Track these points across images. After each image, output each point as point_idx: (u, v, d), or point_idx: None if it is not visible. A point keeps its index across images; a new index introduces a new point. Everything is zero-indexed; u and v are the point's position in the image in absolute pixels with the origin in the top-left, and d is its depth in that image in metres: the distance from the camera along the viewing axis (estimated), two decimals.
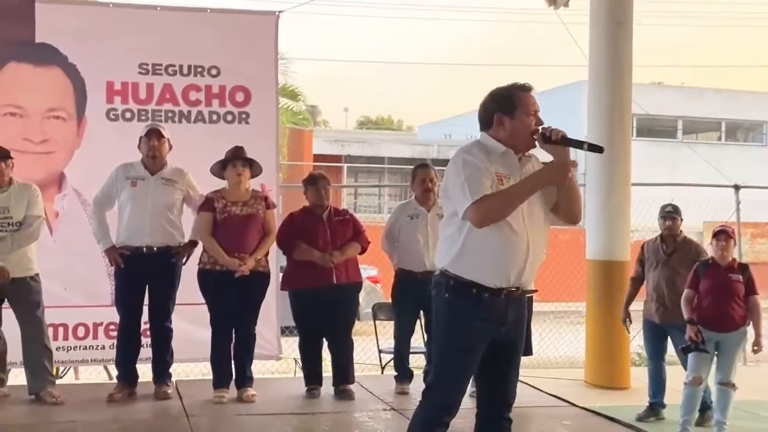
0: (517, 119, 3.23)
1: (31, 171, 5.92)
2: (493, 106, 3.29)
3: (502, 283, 3.19)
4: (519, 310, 3.31)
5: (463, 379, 3.28)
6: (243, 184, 5.54)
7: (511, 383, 3.37)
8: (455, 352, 3.25)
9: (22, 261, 5.33)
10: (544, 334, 9.54)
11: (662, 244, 5.83)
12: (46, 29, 6.17)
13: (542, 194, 3.27)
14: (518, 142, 3.25)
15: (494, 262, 3.17)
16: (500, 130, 3.26)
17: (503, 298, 3.20)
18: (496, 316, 3.22)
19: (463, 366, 3.26)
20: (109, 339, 6.10)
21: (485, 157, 3.20)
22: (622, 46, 6.84)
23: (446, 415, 3.27)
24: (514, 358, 3.37)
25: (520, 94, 3.26)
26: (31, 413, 5.21)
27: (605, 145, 6.71)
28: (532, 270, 3.26)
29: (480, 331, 3.22)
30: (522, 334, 3.38)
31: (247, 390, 5.57)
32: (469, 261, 3.20)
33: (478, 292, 3.18)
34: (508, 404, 3.37)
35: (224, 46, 6.53)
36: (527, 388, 6.18)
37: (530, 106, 3.25)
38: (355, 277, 5.84)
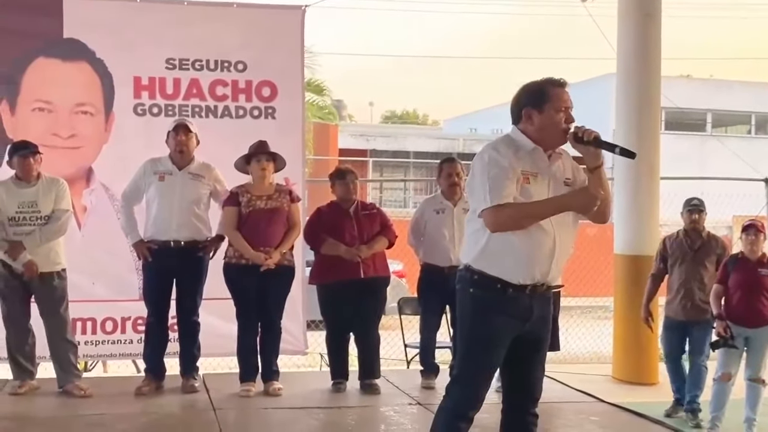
0: (546, 114, 3.18)
1: (59, 166, 5.96)
2: (523, 100, 3.25)
3: (526, 280, 3.16)
4: (544, 306, 3.28)
5: (486, 373, 3.26)
6: (267, 178, 5.55)
7: (537, 379, 3.35)
8: (479, 347, 3.24)
9: (50, 255, 5.38)
10: (571, 330, 9.48)
11: (686, 239, 5.75)
12: (74, 25, 6.21)
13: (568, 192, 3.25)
14: (546, 138, 3.21)
15: (519, 259, 3.15)
16: (528, 125, 3.22)
17: (528, 293, 3.18)
18: (520, 312, 3.20)
19: (487, 361, 3.24)
20: (137, 333, 6.14)
21: (512, 154, 3.16)
22: (651, 38, 6.77)
23: (470, 409, 3.26)
24: (539, 354, 3.34)
25: (551, 89, 3.21)
26: (60, 406, 5.26)
27: (634, 139, 6.74)
28: (558, 267, 3.23)
29: (504, 326, 3.20)
30: (548, 330, 3.36)
31: (273, 384, 5.58)
32: (494, 257, 3.18)
33: (503, 287, 3.16)
34: (534, 399, 3.35)
35: (251, 40, 6.54)
36: (554, 384, 6.14)
37: (561, 102, 3.19)
38: (382, 271, 5.82)
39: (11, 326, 5.47)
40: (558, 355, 6.80)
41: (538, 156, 3.21)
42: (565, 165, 3.28)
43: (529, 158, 3.19)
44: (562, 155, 3.29)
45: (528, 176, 3.15)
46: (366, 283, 5.68)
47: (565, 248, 3.22)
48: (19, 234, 5.29)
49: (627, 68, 6.81)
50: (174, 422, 5.03)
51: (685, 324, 5.69)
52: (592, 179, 3.18)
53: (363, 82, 69.08)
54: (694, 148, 22.07)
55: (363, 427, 5.05)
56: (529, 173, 3.16)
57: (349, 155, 19.19)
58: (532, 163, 3.19)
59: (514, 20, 75.85)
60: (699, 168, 18.93)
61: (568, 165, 3.30)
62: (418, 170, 23.19)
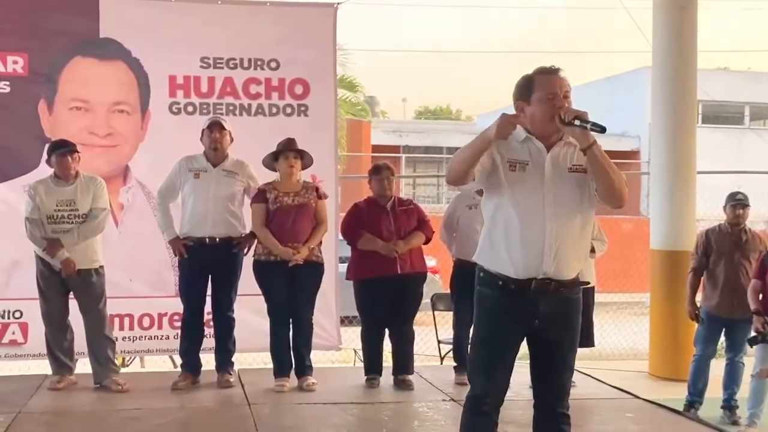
0: (534, 105, 3.16)
1: (96, 164, 6.05)
2: (514, 94, 3.24)
3: (519, 274, 3.12)
4: (556, 303, 3.19)
5: (491, 369, 3.24)
6: (294, 175, 5.57)
7: (561, 376, 3.30)
8: (482, 343, 3.26)
9: (87, 252, 5.45)
10: (607, 326, 9.42)
11: (731, 233, 5.66)
12: (110, 24, 6.28)
13: (579, 178, 3.18)
14: (540, 128, 3.17)
15: (509, 252, 3.14)
16: (522, 117, 3.19)
17: (532, 290, 3.13)
18: (524, 310, 3.16)
19: (490, 356, 3.23)
20: (174, 329, 6.20)
21: (505, 143, 3.14)
22: (687, 31, 6.71)
23: (481, 404, 3.26)
24: (559, 352, 3.27)
25: (539, 77, 3.17)
26: (98, 401, 5.34)
27: (670, 132, 6.69)
28: (561, 261, 3.14)
29: (505, 325, 3.19)
30: (567, 330, 3.27)
31: (307, 379, 5.62)
32: (491, 252, 3.20)
33: (505, 284, 3.15)
34: (560, 397, 3.30)
35: (283, 38, 6.57)
36: (590, 380, 6.10)
37: (548, 88, 3.14)
38: (419, 267, 5.80)
39: (50, 323, 5.55)
40: (594, 352, 6.76)
41: (532, 145, 3.18)
42: (576, 152, 3.19)
43: (521, 148, 3.18)
44: (567, 143, 3.21)
45: (515, 165, 3.13)
46: (403, 278, 5.68)
47: (566, 241, 3.14)
48: (57, 232, 5.36)
49: (663, 61, 6.75)
50: (209, 417, 5.08)
51: (726, 321, 5.62)
52: (587, 160, 3.13)
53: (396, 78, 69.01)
54: (732, 142, 21.73)
55: (397, 422, 5.06)
56: (517, 162, 3.14)
57: (382, 151, 19.19)
58: (523, 153, 3.17)
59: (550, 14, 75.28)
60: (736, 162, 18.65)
61: (571, 152, 3.21)
62: None
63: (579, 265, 3.25)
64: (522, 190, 3.14)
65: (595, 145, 3.10)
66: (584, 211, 3.22)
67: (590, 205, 3.24)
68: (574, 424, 3.41)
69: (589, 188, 3.21)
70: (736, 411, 5.61)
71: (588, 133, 3.08)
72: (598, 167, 3.12)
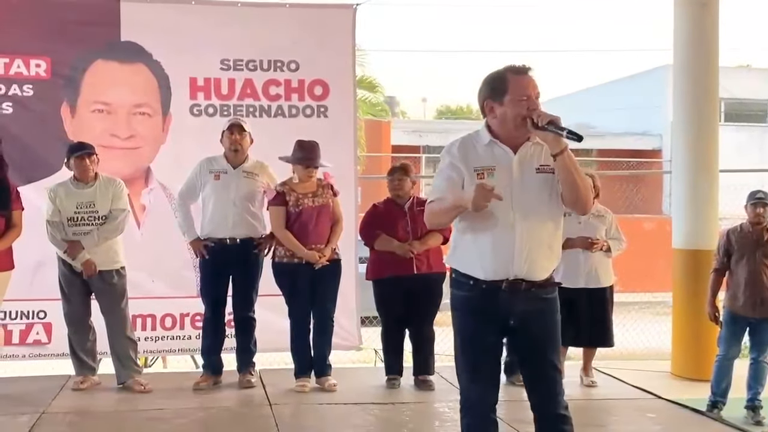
0: (506, 105, 3.09)
1: (118, 166, 6.11)
2: (483, 92, 3.17)
3: (489, 275, 3.10)
4: (531, 303, 3.15)
5: (472, 371, 3.22)
6: (312, 179, 5.60)
7: (550, 378, 3.22)
8: (461, 345, 3.24)
9: (109, 254, 5.50)
10: (629, 326, 9.35)
11: (752, 232, 5.61)
12: (131, 28, 6.33)
13: (546, 179, 3.14)
14: (510, 129, 3.11)
15: (483, 255, 3.12)
16: (491, 118, 3.15)
17: (505, 290, 3.10)
18: (495, 310, 3.13)
19: (470, 358, 3.21)
20: (195, 329, 6.23)
21: (466, 151, 3.14)
22: (708, 28, 6.63)
23: (469, 406, 3.25)
24: (540, 351, 3.21)
25: (510, 77, 3.10)
26: (120, 401, 5.38)
27: (692, 131, 6.62)
28: (529, 260, 3.11)
29: (479, 324, 3.17)
30: (545, 327, 3.21)
31: (328, 379, 5.63)
32: (461, 254, 3.20)
33: (475, 284, 3.13)
34: (552, 398, 3.22)
35: (303, 40, 6.58)
36: (611, 380, 6.08)
37: (521, 90, 3.08)
38: (437, 267, 5.78)
39: (73, 323, 5.61)
40: (615, 352, 6.72)
41: (497, 149, 3.14)
42: (542, 153, 3.15)
43: (485, 153, 3.14)
44: (534, 144, 3.16)
45: (482, 172, 3.10)
46: (420, 279, 5.68)
47: (536, 242, 3.11)
48: (77, 234, 5.42)
49: (684, 59, 6.69)
50: (231, 417, 5.10)
51: (750, 321, 5.56)
52: (556, 166, 3.08)
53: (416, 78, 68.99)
54: (755, 140, 21.53)
55: (417, 423, 5.06)
56: (484, 168, 3.10)
57: (402, 151, 19.17)
58: (488, 157, 3.13)
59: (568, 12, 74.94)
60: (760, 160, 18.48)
61: (538, 153, 3.17)
62: None
63: (550, 266, 3.22)
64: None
65: (566, 151, 3.06)
66: (553, 211, 3.19)
67: (558, 205, 3.19)
68: (596, 424, 3.40)
69: (557, 188, 3.17)
70: (760, 411, 5.55)
71: (561, 138, 3.04)
72: (567, 173, 3.09)
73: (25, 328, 6.19)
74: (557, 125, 3.02)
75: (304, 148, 5.57)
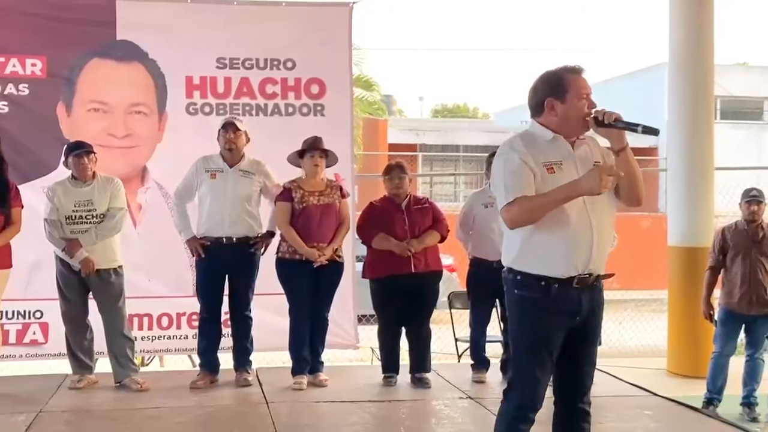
0: (569, 103, 3.15)
1: (114, 165, 6.11)
2: (543, 90, 3.22)
3: (570, 272, 3.12)
4: (594, 298, 3.23)
5: (541, 375, 3.22)
6: (319, 174, 5.61)
7: (585, 372, 3.30)
8: (530, 350, 3.21)
9: (106, 253, 5.50)
10: (625, 323, 9.39)
11: (747, 230, 5.63)
12: (126, 27, 6.33)
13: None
14: (570, 127, 3.18)
15: (559, 251, 3.11)
16: (551, 116, 3.19)
17: (575, 287, 3.14)
18: (569, 307, 3.16)
19: (540, 362, 3.20)
20: (192, 329, 6.23)
21: (531, 147, 3.16)
22: (704, 26, 6.66)
23: (530, 411, 3.23)
24: (587, 347, 3.29)
25: (570, 76, 3.18)
26: (117, 400, 5.38)
27: (687, 128, 6.65)
28: (601, 253, 3.18)
29: (553, 325, 3.17)
30: (598, 323, 3.31)
31: (319, 375, 5.67)
32: (534, 255, 3.16)
33: (547, 284, 3.13)
34: (583, 393, 3.31)
35: (299, 38, 6.59)
36: (608, 378, 6.08)
37: (581, 89, 3.16)
38: (434, 265, 5.80)
39: (70, 322, 5.60)
40: (612, 349, 6.76)
41: (560, 144, 3.19)
42: (593, 150, 3.25)
43: (550, 148, 3.18)
44: (587, 141, 3.26)
45: (551, 166, 3.13)
46: (417, 277, 5.69)
47: (604, 233, 3.17)
48: (75, 232, 5.41)
49: (679, 57, 6.72)
50: (228, 415, 5.11)
51: (745, 318, 5.59)
52: (619, 162, 3.15)
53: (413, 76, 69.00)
54: (752, 138, 21.55)
55: (414, 420, 5.07)
56: (552, 163, 3.13)
57: (399, 150, 19.18)
58: (554, 152, 3.17)
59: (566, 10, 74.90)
60: (757, 158, 18.51)
61: (596, 150, 3.26)
62: (468, 164, 23.07)
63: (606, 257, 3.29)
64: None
65: (628, 146, 3.15)
66: (612, 205, 3.26)
67: (613, 200, 3.26)
68: (594, 422, 3.40)
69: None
70: (755, 408, 5.58)
71: (624, 134, 3.12)
72: (629, 168, 3.16)
73: (21, 328, 6.19)
74: (629, 122, 3.11)
75: (307, 141, 5.61)
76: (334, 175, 6.04)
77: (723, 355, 5.67)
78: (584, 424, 3.32)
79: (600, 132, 3.15)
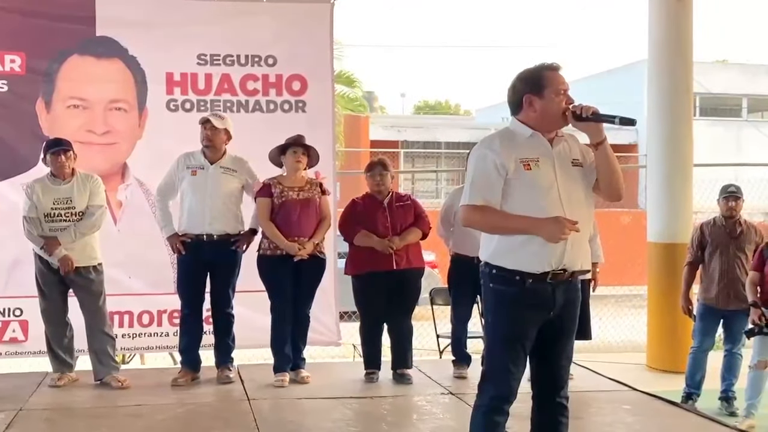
0: (547, 99, 3.20)
1: (94, 162, 6.07)
2: (522, 87, 3.27)
3: (544, 267, 3.16)
4: (569, 293, 3.27)
5: (515, 368, 3.25)
6: (300, 170, 5.61)
7: (561, 367, 3.34)
8: (504, 343, 3.25)
9: (86, 250, 5.47)
10: (605, 319, 9.44)
11: (725, 226, 5.68)
12: (106, 22, 6.29)
13: (581, 172, 3.26)
14: (549, 122, 3.23)
15: (533, 247, 3.15)
16: (530, 112, 3.24)
17: (549, 282, 3.18)
18: (543, 302, 3.20)
19: (514, 355, 3.24)
20: (173, 326, 6.21)
21: (509, 145, 3.20)
22: (683, 23, 6.71)
23: (504, 404, 3.27)
24: (563, 342, 3.33)
25: (548, 73, 3.23)
26: (98, 397, 5.36)
27: (666, 125, 6.70)
28: (576, 250, 3.21)
29: (527, 320, 3.21)
30: (573, 318, 3.34)
31: (301, 371, 5.67)
32: (509, 250, 3.20)
33: (522, 279, 3.17)
34: (560, 387, 3.34)
35: (280, 35, 6.57)
36: (588, 373, 6.13)
37: (559, 85, 3.21)
38: (416, 262, 5.81)
39: (50, 320, 5.58)
40: (592, 344, 6.79)
41: (539, 141, 3.24)
42: (572, 146, 3.30)
43: (528, 145, 3.22)
44: (567, 138, 3.30)
45: (528, 163, 3.17)
46: (399, 274, 5.70)
47: (581, 228, 3.19)
48: (54, 230, 5.38)
49: (658, 55, 6.77)
50: (210, 412, 5.09)
51: (723, 313, 5.64)
52: (598, 155, 3.21)
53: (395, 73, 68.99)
54: (731, 134, 21.74)
55: (396, 416, 5.08)
56: (529, 160, 3.18)
57: (381, 147, 19.17)
58: (532, 149, 3.21)
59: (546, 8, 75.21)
60: (735, 154, 18.66)
61: (575, 147, 3.31)
62: (450, 160, 23.12)
63: (587, 254, 3.32)
64: (539, 186, 3.17)
65: (606, 140, 3.19)
66: (589, 201, 3.30)
67: (590, 196, 3.30)
68: (573, 417, 3.43)
69: (589, 181, 3.28)
70: (733, 402, 5.64)
71: (602, 128, 3.17)
72: (608, 162, 3.21)
73: (1, 325, 6.15)
74: (606, 114, 3.16)
75: (290, 138, 5.61)
76: (314, 173, 6.04)
77: (701, 350, 5.72)
78: (561, 418, 3.35)
79: (578, 126, 3.19)
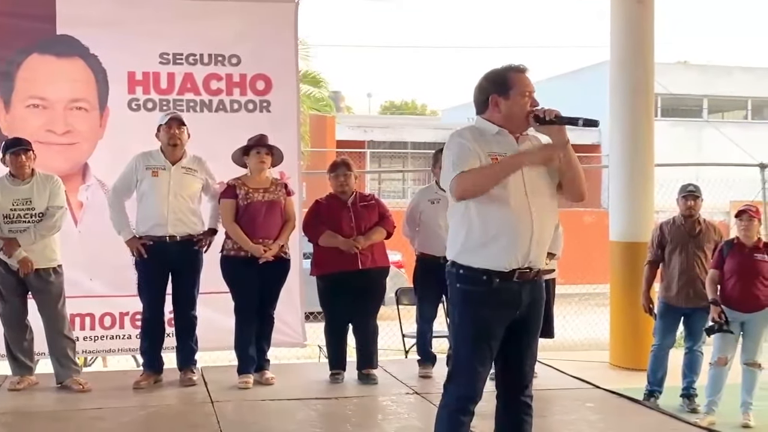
0: (512, 100, 3.23)
1: (55, 162, 5.99)
2: (488, 87, 3.29)
3: (511, 265, 3.17)
4: (534, 292, 3.29)
5: (481, 368, 3.26)
6: (264, 171, 5.58)
7: (526, 365, 3.36)
8: (471, 342, 3.25)
9: (45, 252, 5.39)
10: (569, 317, 9.51)
11: (684, 225, 5.76)
12: (67, 21, 6.21)
13: (546, 172, 3.27)
14: (513, 123, 3.25)
15: (500, 244, 3.16)
16: (495, 112, 3.26)
17: (516, 281, 3.19)
18: (509, 301, 3.21)
19: (480, 355, 3.24)
20: (136, 328, 6.12)
21: (478, 138, 3.22)
22: (644, 25, 6.78)
23: (469, 404, 3.27)
24: (528, 341, 3.34)
25: (514, 75, 3.25)
26: (59, 401, 5.29)
27: (627, 125, 6.76)
28: (540, 249, 3.24)
29: (494, 319, 3.21)
30: (538, 317, 3.35)
31: (265, 373, 5.65)
32: (476, 248, 3.20)
33: (489, 278, 3.17)
34: (524, 386, 3.36)
35: (244, 34, 6.53)
36: (551, 371, 6.17)
37: (525, 87, 3.24)
38: (381, 261, 5.82)
39: (9, 323, 5.50)
40: (556, 343, 6.83)
41: (505, 138, 3.26)
42: (535, 146, 3.31)
43: (495, 141, 3.24)
44: (530, 138, 3.32)
45: (497, 157, 3.18)
46: (364, 274, 5.70)
47: (545, 227, 3.22)
48: (14, 231, 5.31)
49: (620, 56, 6.83)
50: (172, 414, 5.05)
51: (684, 311, 5.71)
52: (551, 131, 3.22)
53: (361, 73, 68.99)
54: (691, 135, 22.05)
55: (360, 417, 5.07)
56: (497, 154, 3.19)
57: (347, 147, 19.16)
58: (498, 145, 3.23)
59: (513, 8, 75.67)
60: (696, 154, 18.93)
61: (538, 146, 3.32)
62: (416, 160, 23.17)
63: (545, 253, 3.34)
64: (507, 183, 3.16)
65: (569, 143, 3.21)
66: (554, 200, 3.31)
67: (555, 195, 3.32)
68: (536, 415, 3.45)
69: (553, 180, 3.30)
70: (694, 399, 5.71)
71: (564, 131, 3.19)
72: (570, 164, 3.23)
73: None
74: (569, 116, 3.17)
75: (252, 138, 5.58)
76: (279, 173, 6.01)
77: (662, 347, 5.78)
78: (526, 417, 3.36)
79: (541, 130, 3.21)
